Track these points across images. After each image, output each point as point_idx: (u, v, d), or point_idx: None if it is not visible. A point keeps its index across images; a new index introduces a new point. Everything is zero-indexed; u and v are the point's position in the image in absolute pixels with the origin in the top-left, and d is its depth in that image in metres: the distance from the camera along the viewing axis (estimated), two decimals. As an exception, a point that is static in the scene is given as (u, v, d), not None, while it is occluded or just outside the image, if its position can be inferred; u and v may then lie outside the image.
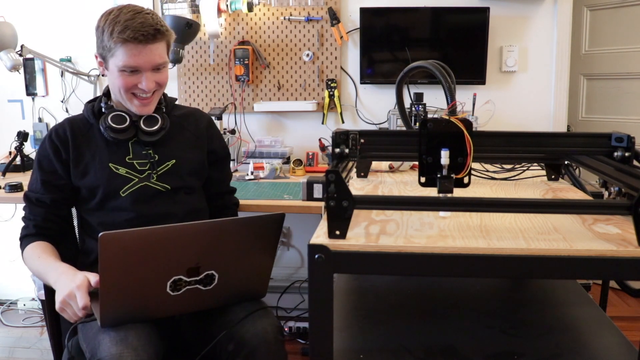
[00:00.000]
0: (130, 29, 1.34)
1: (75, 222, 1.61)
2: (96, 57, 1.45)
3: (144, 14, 1.38)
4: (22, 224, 1.50)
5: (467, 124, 0.92)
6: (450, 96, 1.08)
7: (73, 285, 1.26)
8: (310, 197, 2.02)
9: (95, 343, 1.22)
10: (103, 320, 1.21)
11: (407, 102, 2.72)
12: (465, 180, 0.94)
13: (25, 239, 1.47)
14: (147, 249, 1.15)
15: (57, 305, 1.28)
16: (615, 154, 1.03)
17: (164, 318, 1.32)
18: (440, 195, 0.92)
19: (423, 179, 0.95)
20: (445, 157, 0.92)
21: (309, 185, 2.02)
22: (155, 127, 1.48)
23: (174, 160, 1.52)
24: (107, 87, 1.52)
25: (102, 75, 1.46)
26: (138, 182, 1.47)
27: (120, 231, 1.12)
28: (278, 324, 1.36)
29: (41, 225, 1.47)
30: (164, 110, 1.53)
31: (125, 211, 1.45)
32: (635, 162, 1.03)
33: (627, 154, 1.02)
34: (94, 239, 1.46)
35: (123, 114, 1.47)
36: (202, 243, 1.21)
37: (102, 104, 1.49)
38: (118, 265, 1.13)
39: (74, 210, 1.59)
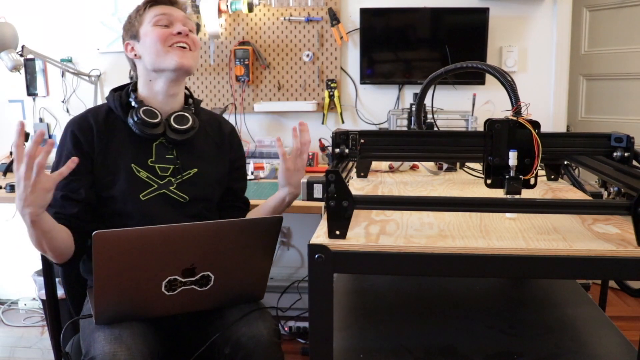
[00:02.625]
0: None
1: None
2: (126, 45, 1.48)
3: None
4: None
5: (535, 124, 0.92)
6: (515, 97, 1.07)
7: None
8: (310, 197, 2.01)
9: (90, 340, 1.22)
10: (97, 318, 1.21)
11: (408, 103, 2.73)
12: (532, 181, 0.94)
13: None
14: (141, 248, 1.15)
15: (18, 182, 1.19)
16: (615, 154, 1.03)
17: (162, 318, 1.32)
18: (434, 195, 0.92)
19: (489, 181, 0.96)
20: (513, 158, 0.92)
21: (309, 185, 2.01)
22: (186, 126, 1.44)
23: (196, 170, 1.47)
24: (134, 81, 1.49)
25: (138, 59, 1.47)
26: (157, 189, 1.42)
27: (115, 230, 1.12)
28: (274, 325, 1.34)
29: (59, 213, 1.36)
30: (193, 110, 1.50)
31: (135, 219, 1.39)
32: (634, 162, 1.03)
33: (626, 154, 1.01)
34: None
35: (153, 109, 1.43)
36: (198, 244, 1.20)
37: (132, 99, 1.44)
38: (112, 264, 1.13)
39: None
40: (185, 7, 1.51)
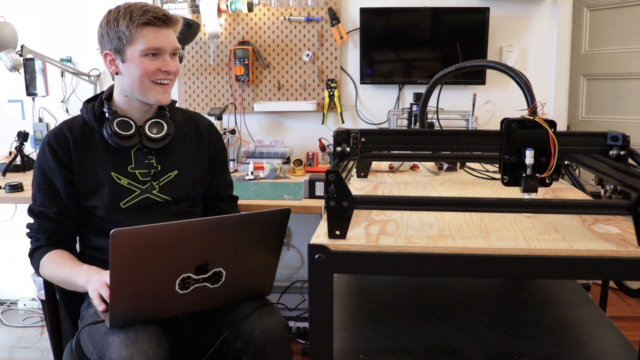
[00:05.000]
0: (151, 12, 1.37)
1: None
2: (106, 55, 1.43)
3: (153, 5, 1.42)
4: (26, 230, 1.47)
5: (551, 124, 0.95)
6: (531, 97, 1.09)
7: (104, 278, 1.27)
8: (312, 194, 2.04)
9: (103, 345, 1.21)
10: (112, 321, 1.20)
11: (408, 103, 2.72)
12: (548, 179, 0.96)
13: (39, 250, 1.43)
14: (157, 245, 1.15)
15: (93, 294, 1.27)
16: (611, 152, 1.04)
17: (171, 318, 1.32)
18: (437, 195, 0.92)
19: (506, 179, 0.98)
20: (530, 156, 0.95)
21: (311, 183, 2.03)
22: (161, 134, 1.47)
23: (177, 172, 1.50)
24: (110, 89, 1.50)
25: (116, 74, 1.44)
26: (140, 194, 1.45)
27: (132, 228, 1.12)
28: (284, 321, 1.36)
29: (53, 238, 1.44)
30: (168, 115, 1.52)
31: (125, 225, 1.42)
32: (630, 161, 1.03)
33: (622, 153, 1.03)
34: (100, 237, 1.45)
35: (128, 119, 1.44)
36: (210, 239, 1.21)
37: (105, 109, 1.45)
38: (129, 262, 1.13)
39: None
40: (178, 22, 1.45)
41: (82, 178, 1.43)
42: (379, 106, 2.78)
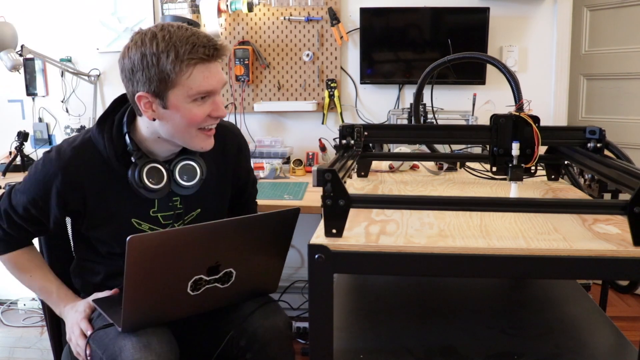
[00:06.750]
0: (201, 46, 1.11)
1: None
2: (140, 98, 1.15)
3: (193, 29, 1.15)
4: None
5: (535, 119, 1.07)
6: (518, 93, 1.19)
7: (78, 318, 1.29)
8: (320, 183, 2.05)
9: (115, 349, 1.19)
10: (125, 325, 1.20)
11: (408, 103, 2.72)
12: (532, 169, 1.08)
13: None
14: (172, 250, 1.15)
15: (67, 336, 1.31)
16: (589, 145, 1.16)
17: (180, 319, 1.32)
18: (438, 194, 0.93)
19: (494, 169, 1.11)
20: (516, 148, 1.05)
21: (319, 173, 2.04)
22: (193, 182, 1.29)
23: (199, 210, 1.37)
24: (130, 117, 1.25)
25: (153, 120, 1.19)
26: None
27: (148, 233, 1.12)
28: (288, 319, 1.36)
29: (17, 239, 1.34)
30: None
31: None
32: (606, 152, 1.17)
33: (599, 145, 1.16)
34: (100, 264, 1.37)
35: (158, 166, 1.25)
36: (223, 241, 1.21)
37: (130, 147, 1.22)
38: (144, 268, 1.13)
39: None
40: (227, 52, 1.19)
41: (95, 220, 1.28)
42: (379, 106, 2.78)
